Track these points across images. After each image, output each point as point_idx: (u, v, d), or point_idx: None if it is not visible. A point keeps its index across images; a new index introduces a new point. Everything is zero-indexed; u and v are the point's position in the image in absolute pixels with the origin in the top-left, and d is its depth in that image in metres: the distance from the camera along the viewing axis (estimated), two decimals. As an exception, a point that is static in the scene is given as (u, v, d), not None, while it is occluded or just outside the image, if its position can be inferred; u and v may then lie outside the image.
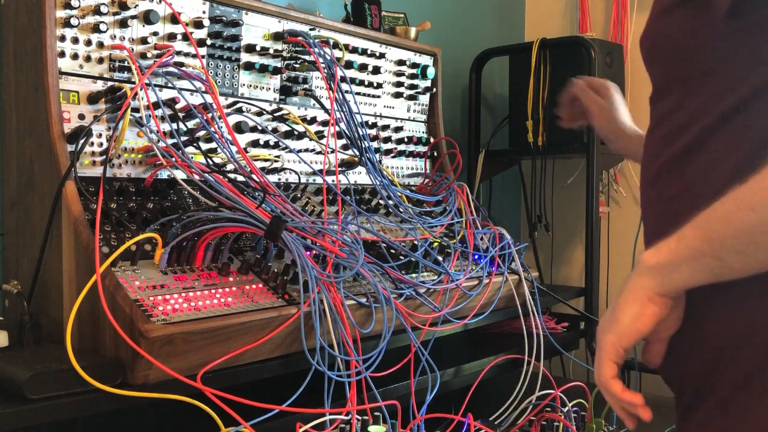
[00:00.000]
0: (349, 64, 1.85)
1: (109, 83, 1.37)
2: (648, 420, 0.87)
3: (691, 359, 0.90)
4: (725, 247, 0.79)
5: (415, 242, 1.69)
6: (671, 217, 0.89)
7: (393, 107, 2.05)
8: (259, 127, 1.63)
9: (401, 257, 1.62)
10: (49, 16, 1.28)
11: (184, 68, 1.45)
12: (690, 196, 0.89)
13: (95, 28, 1.35)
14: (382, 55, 1.97)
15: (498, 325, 1.97)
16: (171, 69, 1.43)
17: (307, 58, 1.72)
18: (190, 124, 1.46)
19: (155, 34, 1.44)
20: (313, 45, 1.69)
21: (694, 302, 0.88)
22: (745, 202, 0.77)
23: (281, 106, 1.71)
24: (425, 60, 2.13)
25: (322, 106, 1.76)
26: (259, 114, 1.65)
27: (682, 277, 0.83)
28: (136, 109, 1.37)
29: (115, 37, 1.38)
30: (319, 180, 1.75)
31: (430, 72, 2.12)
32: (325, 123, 1.76)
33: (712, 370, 0.87)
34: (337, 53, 1.79)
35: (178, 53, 1.47)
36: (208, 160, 1.43)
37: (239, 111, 1.60)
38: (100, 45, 1.36)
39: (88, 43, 1.35)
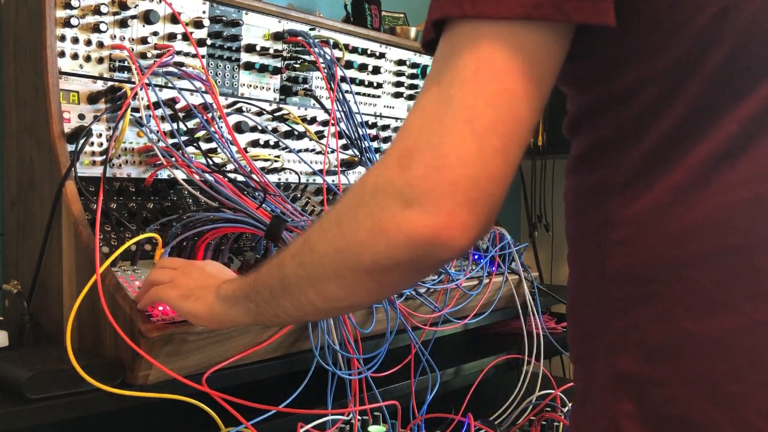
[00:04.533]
0: (349, 64, 1.85)
1: (109, 83, 1.37)
2: None
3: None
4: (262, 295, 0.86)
5: (415, 242, 1.69)
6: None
7: (393, 107, 2.05)
8: (259, 127, 1.63)
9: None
10: (49, 16, 1.28)
11: (184, 68, 1.45)
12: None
13: (95, 28, 1.34)
14: (382, 55, 1.97)
15: (498, 325, 1.97)
16: (171, 69, 1.43)
17: (307, 58, 1.71)
18: (190, 124, 1.46)
19: (155, 34, 1.44)
20: (313, 45, 1.69)
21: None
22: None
23: (281, 106, 1.71)
24: (425, 60, 2.13)
25: (322, 106, 1.76)
26: (259, 114, 1.65)
27: (235, 315, 0.94)
28: (136, 109, 1.37)
29: (115, 37, 1.38)
30: (319, 180, 1.75)
31: (430, 72, 2.12)
32: (325, 123, 1.76)
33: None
34: (337, 53, 1.78)
35: (178, 53, 1.47)
36: (208, 160, 1.43)
37: (239, 111, 1.60)
38: (100, 45, 1.36)
39: (88, 43, 1.34)
